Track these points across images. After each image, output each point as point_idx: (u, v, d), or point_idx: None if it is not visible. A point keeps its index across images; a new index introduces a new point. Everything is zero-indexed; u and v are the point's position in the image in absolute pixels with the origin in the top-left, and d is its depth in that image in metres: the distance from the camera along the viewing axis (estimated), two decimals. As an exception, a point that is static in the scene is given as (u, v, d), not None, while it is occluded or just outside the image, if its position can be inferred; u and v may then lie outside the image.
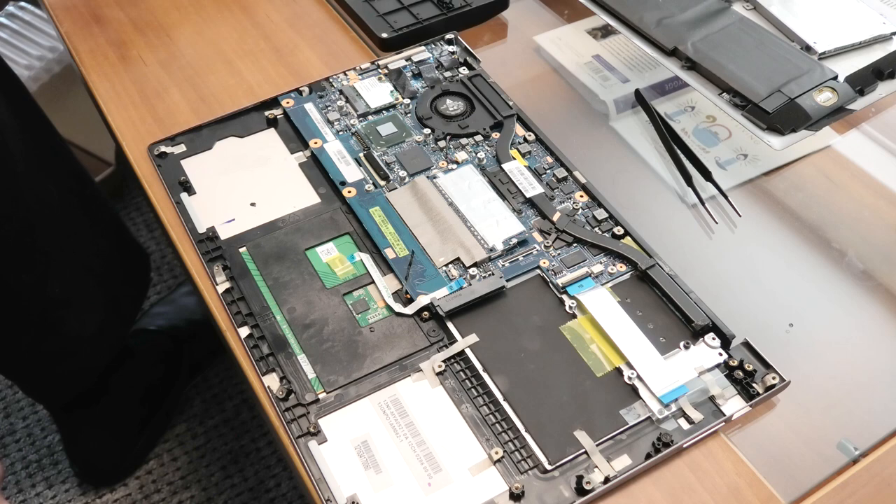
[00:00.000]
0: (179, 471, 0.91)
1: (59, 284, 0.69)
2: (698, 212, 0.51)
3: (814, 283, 0.48)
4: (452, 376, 0.42)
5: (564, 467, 0.38)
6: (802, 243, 0.50)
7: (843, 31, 0.59)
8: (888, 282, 0.48)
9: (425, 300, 0.44)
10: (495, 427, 0.40)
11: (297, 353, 0.42)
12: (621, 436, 0.39)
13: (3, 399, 0.97)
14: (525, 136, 0.53)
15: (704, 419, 0.40)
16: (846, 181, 0.53)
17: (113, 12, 0.65)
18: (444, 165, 0.51)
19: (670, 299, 0.44)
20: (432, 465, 0.38)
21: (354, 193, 0.50)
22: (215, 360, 0.98)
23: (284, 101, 0.55)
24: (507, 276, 0.45)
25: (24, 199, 0.65)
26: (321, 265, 0.46)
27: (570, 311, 0.44)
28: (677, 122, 0.57)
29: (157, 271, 1.08)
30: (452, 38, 0.60)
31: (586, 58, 0.62)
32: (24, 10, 1.08)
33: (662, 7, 0.60)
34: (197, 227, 0.48)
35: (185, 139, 0.54)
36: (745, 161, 0.55)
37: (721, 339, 0.42)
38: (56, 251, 0.68)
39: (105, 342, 0.80)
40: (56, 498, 0.89)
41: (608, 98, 0.59)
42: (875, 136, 0.56)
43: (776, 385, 0.40)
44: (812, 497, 0.38)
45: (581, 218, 0.48)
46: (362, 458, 0.39)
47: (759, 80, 0.54)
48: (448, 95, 0.56)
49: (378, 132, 0.53)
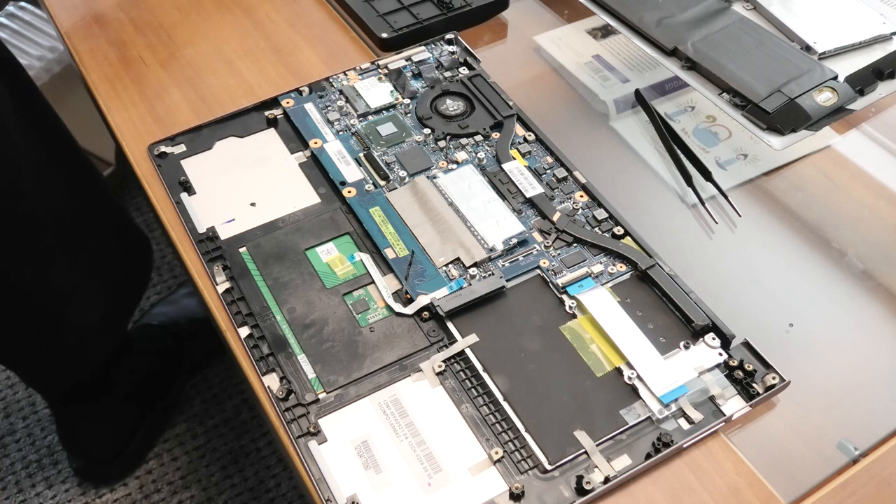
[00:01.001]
0: (179, 471, 0.91)
1: (61, 276, 0.70)
2: (698, 212, 0.51)
3: (814, 283, 0.48)
4: (452, 376, 0.42)
5: (564, 467, 0.38)
6: (802, 243, 0.50)
7: (843, 31, 0.59)
8: (888, 282, 0.48)
9: (425, 300, 0.44)
10: (495, 427, 0.40)
11: (297, 353, 0.42)
12: (621, 436, 0.39)
13: (3, 399, 0.97)
14: (525, 136, 0.53)
15: (704, 419, 0.40)
16: (846, 181, 0.53)
17: (113, 12, 0.65)
18: (444, 165, 0.51)
19: (670, 299, 0.44)
20: (432, 465, 0.38)
21: (354, 193, 0.50)
22: (215, 360, 0.98)
23: (284, 101, 0.55)
24: (507, 276, 0.45)
25: (28, 191, 0.65)
26: (321, 265, 0.46)
27: (570, 311, 0.44)
28: (677, 122, 0.57)
29: (157, 271, 1.08)
30: (452, 38, 0.60)
31: (586, 58, 0.62)
32: (24, 10, 1.08)
33: (662, 7, 0.60)
34: (197, 227, 0.48)
35: (185, 139, 0.54)
36: (745, 161, 0.55)
37: (721, 339, 0.42)
38: (59, 243, 0.69)
39: (107, 332, 0.80)
40: (56, 498, 0.89)
41: (608, 98, 0.59)
42: (875, 136, 0.56)
43: (776, 385, 0.40)
44: (812, 497, 0.38)
45: (581, 218, 0.48)
46: (362, 458, 0.39)
47: (759, 80, 0.54)
48: (448, 95, 0.56)
49: (378, 132, 0.53)
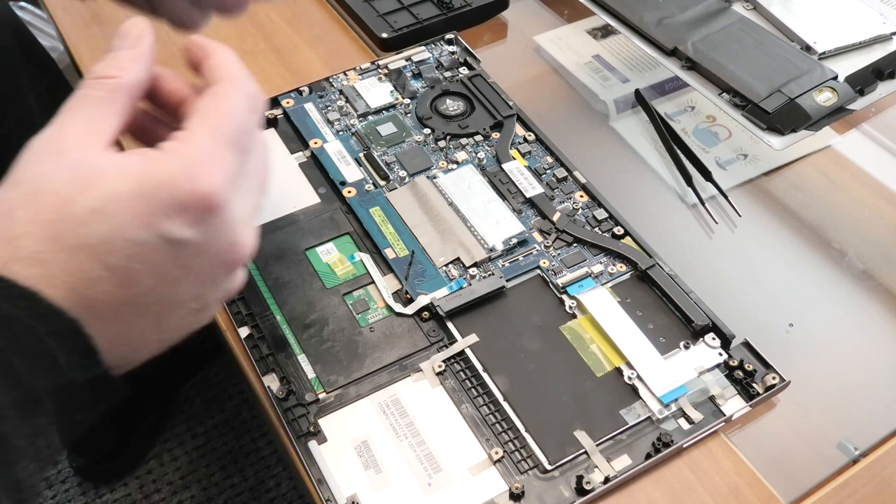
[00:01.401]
0: (179, 471, 0.91)
1: None
2: (698, 212, 0.51)
3: (814, 283, 0.48)
4: (452, 376, 0.42)
5: (564, 467, 0.38)
6: (802, 243, 0.50)
7: (843, 31, 0.59)
8: (888, 282, 0.48)
9: (425, 300, 0.44)
10: (495, 427, 0.40)
11: (297, 353, 0.42)
12: (621, 436, 0.39)
13: (3, 399, 0.97)
14: (525, 136, 0.53)
15: (704, 419, 0.40)
16: (846, 181, 0.53)
17: (113, 12, 0.65)
18: (444, 165, 0.51)
19: (670, 299, 0.44)
20: (432, 465, 0.38)
21: (354, 193, 0.50)
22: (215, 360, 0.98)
23: (284, 101, 0.55)
24: (507, 276, 0.45)
25: None
26: (321, 265, 0.46)
27: (570, 311, 0.44)
28: (677, 122, 0.57)
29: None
30: (452, 38, 0.60)
31: (586, 58, 0.62)
32: (24, 10, 1.08)
33: (662, 7, 0.60)
34: (197, 227, 0.48)
35: (185, 139, 0.53)
36: (745, 161, 0.55)
37: (721, 339, 0.42)
38: None
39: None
40: (56, 498, 0.89)
41: (608, 98, 0.59)
42: (875, 136, 0.56)
43: (776, 385, 0.40)
44: (812, 497, 0.38)
45: (581, 218, 0.48)
46: (362, 458, 0.39)
47: (759, 80, 0.54)
48: (448, 95, 0.56)
49: (378, 132, 0.53)
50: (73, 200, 0.26)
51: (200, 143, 0.28)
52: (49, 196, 0.26)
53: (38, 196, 0.26)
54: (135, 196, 0.26)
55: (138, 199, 0.26)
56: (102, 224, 0.26)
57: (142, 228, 0.26)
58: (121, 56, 0.31)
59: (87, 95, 0.29)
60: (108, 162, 0.27)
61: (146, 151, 0.28)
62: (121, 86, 0.30)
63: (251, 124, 0.30)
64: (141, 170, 0.27)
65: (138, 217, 0.26)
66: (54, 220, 0.25)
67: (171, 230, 0.27)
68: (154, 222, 0.26)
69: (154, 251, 0.27)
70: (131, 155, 0.27)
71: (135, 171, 0.27)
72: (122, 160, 0.27)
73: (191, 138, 0.28)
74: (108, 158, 0.27)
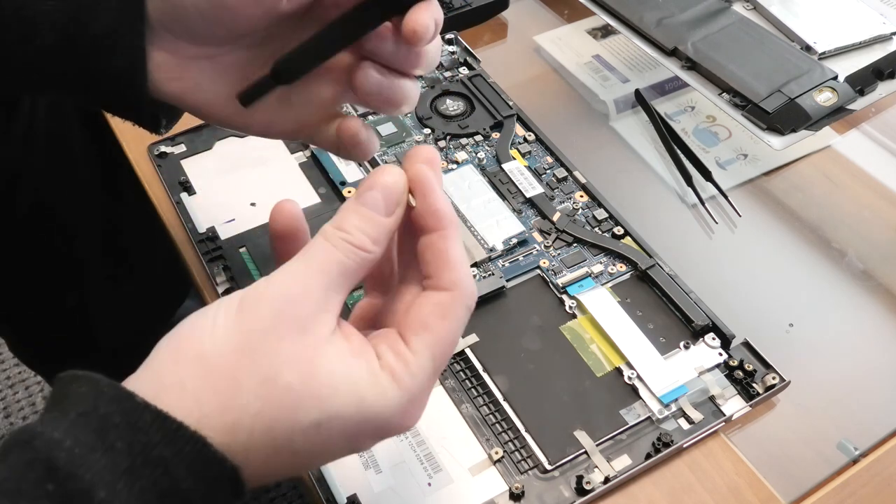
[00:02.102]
0: (179, 471, 0.91)
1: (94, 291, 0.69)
2: (698, 212, 0.51)
3: (814, 283, 0.48)
4: (452, 376, 0.42)
5: (564, 467, 0.38)
6: (802, 243, 0.50)
7: (843, 31, 0.59)
8: (888, 282, 0.48)
9: (425, 300, 0.44)
10: (495, 427, 0.40)
11: (297, 353, 0.42)
12: (621, 436, 0.39)
13: (3, 399, 0.97)
14: (525, 136, 0.53)
15: (704, 419, 0.40)
16: (846, 181, 0.53)
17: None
18: (444, 165, 0.51)
19: (670, 299, 0.44)
20: (432, 465, 0.38)
21: (354, 193, 0.50)
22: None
23: (284, 101, 0.55)
24: (507, 276, 0.45)
25: (80, 213, 0.64)
26: (321, 265, 0.46)
27: (570, 311, 0.44)
28: (677, 122, 0.57)
29: (157, 271, 1.08)
30: (452, 38, 0.60)
31: (586, 58, 0.62)
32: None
33: (662, 7, 0.60)
34: (197, 227, 0.48)
35: (185, 139, 0.53)
36: (745, 161, 0.55)
37: (721, 339, 0.42)
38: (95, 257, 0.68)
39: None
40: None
41: (608, 98, 0.59)
42: (875, 136, 0.56)
43: (776, 385, 0.40)
44: (812, 497, 0.38)
45: (581, 218, 0.48)
46: (362, 457, 0.39)
47: (759, 80, 0.54)
48: (448, 95, 0.56)
49: (378, 132, 0.53)
50: (299, 406, 0.26)
51: (422, 378, 0.28)
52: (280, 391, 0.26)
53: (270, 385, 0.26)
54: (353, 423, 0.27)
55: (356, 425, 0.27)
56: (317, 437, 0.27)
57: (345, 443, 0.28)
58: (381, 226, 0.29)
59: (340, 262, 0.28)
60: (340, 367, 0.27)
61: (373, 362, 0.28)
62: (370, 262, 0.29)
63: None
64: (366, 395, 0.27)
65: (347, 438, 0.28)
66: (276, 419, 0.26)
67: (367, 446, 0.30)
68: (358, 445, 0.29)
69: (341, 451, 0.29)
70: (360, 363, 0.27)
71: (360, 395, 0.27)
72: (351, 373, 0.27)
73: (416, 370, 0.28)
74: (340, 362, 0.27)
